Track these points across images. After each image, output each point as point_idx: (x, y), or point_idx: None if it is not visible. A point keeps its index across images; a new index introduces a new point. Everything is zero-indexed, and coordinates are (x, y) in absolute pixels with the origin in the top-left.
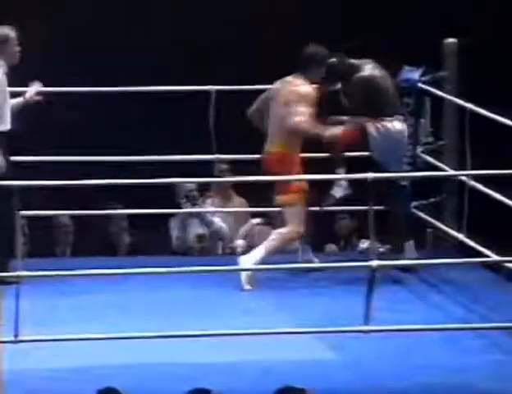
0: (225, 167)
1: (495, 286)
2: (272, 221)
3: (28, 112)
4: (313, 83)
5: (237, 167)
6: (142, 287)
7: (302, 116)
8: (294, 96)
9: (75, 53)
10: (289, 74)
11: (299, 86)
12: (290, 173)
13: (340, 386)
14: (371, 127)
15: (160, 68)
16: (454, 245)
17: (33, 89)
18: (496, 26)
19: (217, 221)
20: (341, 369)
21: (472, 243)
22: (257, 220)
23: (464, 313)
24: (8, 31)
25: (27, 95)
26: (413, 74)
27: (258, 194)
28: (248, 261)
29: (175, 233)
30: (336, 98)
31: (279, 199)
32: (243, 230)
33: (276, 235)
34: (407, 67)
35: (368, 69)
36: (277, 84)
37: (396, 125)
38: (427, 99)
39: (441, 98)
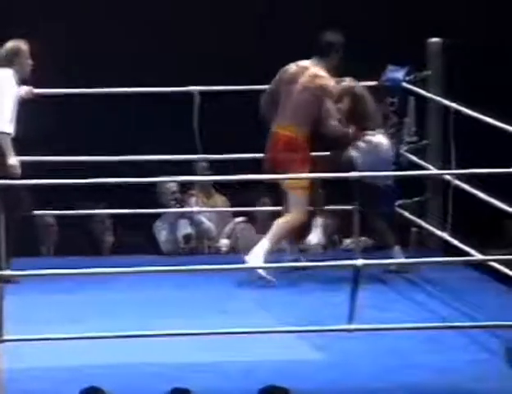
0: (205, 165)
1: (478, 286)
2: (254, 220)
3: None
4: (329, 70)
5: (216, 166)
6: (127, 287)
7: (334, 117)
8: (317, 90)
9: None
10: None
11: (321, 77)
12: (296, 159)
13: (324, 385)
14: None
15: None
16: (438, 244)
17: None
18: (480, 25)
19: (205, 220)
20: (325, 369)
21: (456, 242)
22: (239, 219)
23: (447, 312)
24: (20, 44)
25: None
26: (398, 73)
27: (238, 193)
28: (255, 258)
29: (163, 235)
30: None
31: (285, 183)
32: (227, 229)
33: (278, 225)
34: (391, 67)
35: (348, 81)
36: (293, 67)
37: (381, 139)
38: (411, 99)
39: (425, 98)
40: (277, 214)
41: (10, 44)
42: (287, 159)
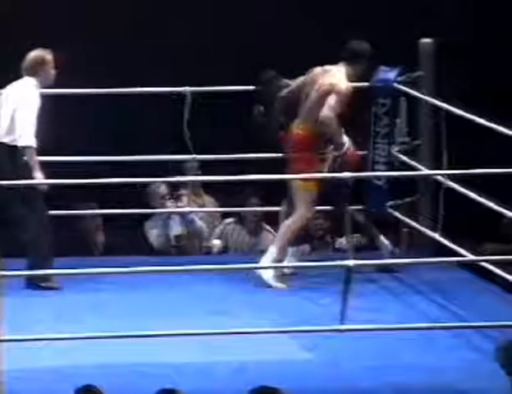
0: (195, 165)
1: (469, 286)
2: (244, 221)
3: None
4: (352, 77)
5: (205, 166)
6: (119, 287)
7: (332, 111)
8: (328, 86)
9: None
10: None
11: (337, 80)
12: (306, 158)
13: (315, 386)
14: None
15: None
16: (430, 244)
17: None
18: (472, 26)
19: (197, 219)
20: (317, 369)
21: (447, 242)
22: (229, 219)
23: (439, 312)
24: (45, 53)
25: None
26: (389, 74)
27: (227, 194)
28: (266, 263)
29: (154, 232)
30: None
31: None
32: (218, 230)
33: (284, 229)
34: (383, 67)
35: None
36: (317, 70)
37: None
38: (402, 99)
39: (417, 99)
40: (267, 214)
41: (34, 53)
42: (297, 157)
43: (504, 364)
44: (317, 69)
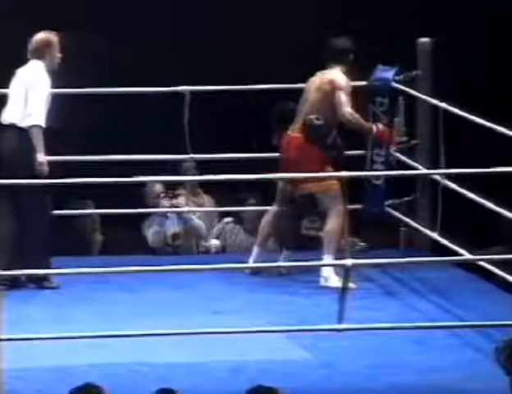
0: (192, 164)
1: (467, 285)
2: (242, 220)
3: None
4: (345, 73)
5: (203, 166)
6: (118, 286)
7: (347, 106)
8: (328, 85)
9: None
10: None
11: (334, 75)
12: (308, 160)
13: (313, 385)
14: None
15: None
16: (427, 243)
17: None
18: (470, 25)
19: (194, 217)
20: (314, 368)
21: (445, 242)
22: (228, 219)
23: (437, 312)
24: (51, 36)
25: None
26: (387, 73)
27: (225, 193)
28: (329, 279)
29: (152, 230)
30: None
31: (309, 188)
32: (216, 229)
33: (327, 236)
34: (381, 66)
35: None
36: (316, 76)
37: None
38: (400, 98)
39: (415, 98)
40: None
41: (40, 36)
42: (300, 160)
43: (503, 363)
44: (317, 74)
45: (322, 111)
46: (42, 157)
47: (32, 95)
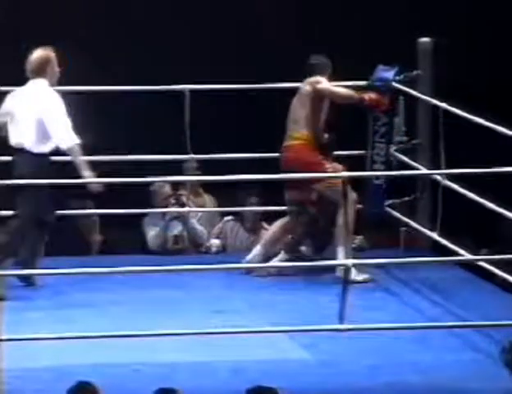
0: (194, 165)
1: (468, 285)
2: (243, 218)
3: None
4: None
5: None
6: (118, 286)
7: (339, 89)
8: (308, 86)
9: None
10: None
11: (316, 79)
12: (309, 163)
13: (314, 385)
14: None
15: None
16: (428, 243)
17: None
18: (470, 25)
19: (198, 225)
20: (315, 368)
21: (445, 242)
22: (228, 217)
23: (438, 311)
24: (49, 52)
25: None
26: (388, 73)
27: (226, 192)
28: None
29: (152, 233)
30: None
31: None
32: (216, 228)
33: (341, 229)
34: (381, 66)
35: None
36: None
37: None
38: (401, 98)
39: (415, 98)
40: (266, 213)
41: (39, 54)
42: (305, 164)
43: (508, 363)
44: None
45: (307, 114)
46: (88, 173)
47: (52, 119)
